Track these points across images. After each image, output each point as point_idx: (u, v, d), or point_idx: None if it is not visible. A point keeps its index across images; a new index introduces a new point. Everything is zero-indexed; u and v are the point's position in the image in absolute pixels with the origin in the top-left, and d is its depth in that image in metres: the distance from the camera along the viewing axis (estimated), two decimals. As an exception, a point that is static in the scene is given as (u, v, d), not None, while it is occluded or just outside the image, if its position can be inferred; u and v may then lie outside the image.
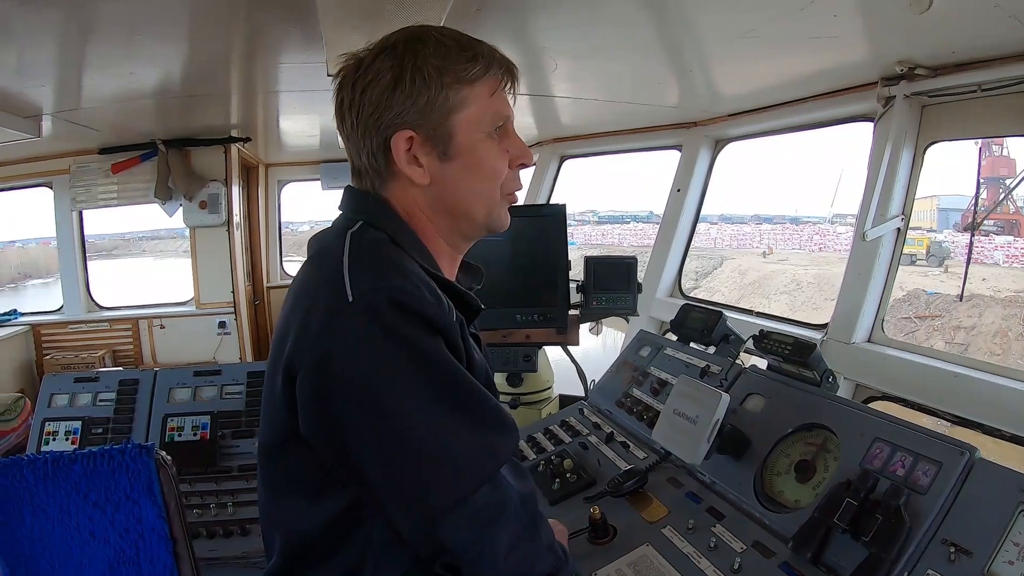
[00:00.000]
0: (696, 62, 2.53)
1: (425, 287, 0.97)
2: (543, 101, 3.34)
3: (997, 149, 24.61)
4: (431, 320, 0.94)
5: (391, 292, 0.92)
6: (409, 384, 0.91)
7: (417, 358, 0.92)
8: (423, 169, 1.07)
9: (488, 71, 1.07)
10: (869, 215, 2.25)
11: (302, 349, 0.93)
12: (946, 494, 1.16)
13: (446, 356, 0.95)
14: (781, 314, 3.41)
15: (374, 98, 1.04)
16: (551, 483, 1.83)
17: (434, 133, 1.05)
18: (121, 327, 4.74)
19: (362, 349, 0.90)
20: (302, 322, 0.95)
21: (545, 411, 2.82)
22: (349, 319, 0.91)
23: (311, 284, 1.02)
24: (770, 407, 1.64)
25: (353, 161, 1.12)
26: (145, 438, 2.47)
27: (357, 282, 0.94)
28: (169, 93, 3.08)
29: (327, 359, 0.91)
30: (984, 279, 21.89)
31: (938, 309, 20.10)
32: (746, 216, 37.06)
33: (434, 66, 1.03)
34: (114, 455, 1.54)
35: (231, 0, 1.93)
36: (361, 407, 0.90)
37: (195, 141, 4.43)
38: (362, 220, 1.08)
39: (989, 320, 19.93)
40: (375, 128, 1.05)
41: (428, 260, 1.09)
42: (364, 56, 1.07)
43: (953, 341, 19.43)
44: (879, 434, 1.34)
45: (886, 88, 2.21)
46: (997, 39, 1.80)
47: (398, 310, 0.91)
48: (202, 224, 4.58)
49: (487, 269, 1.33)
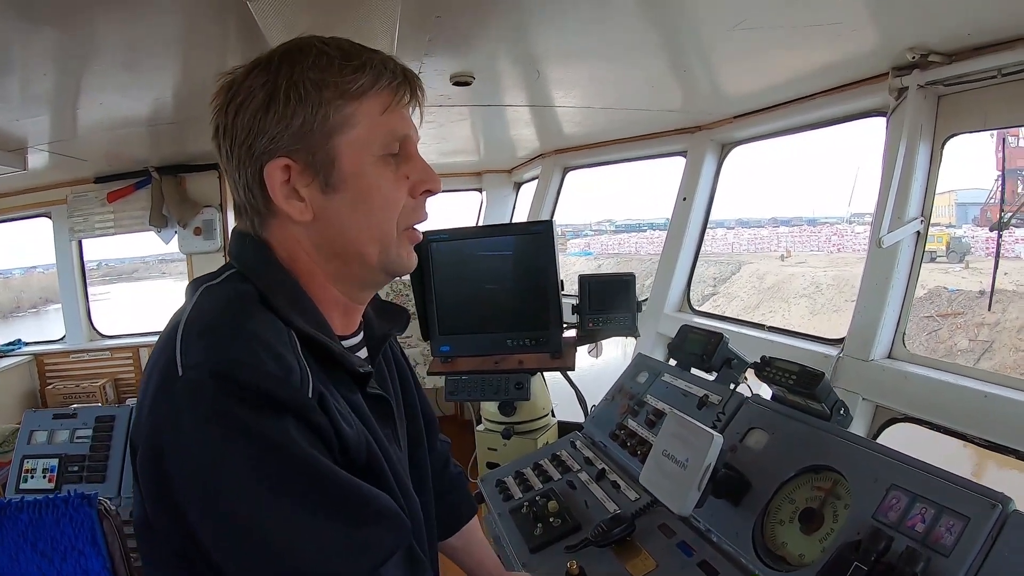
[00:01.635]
0: (696, 60, 2.35)
1: (271, 355, 0.81)
2: (542, 111, 3.19)
3: (1013, 141, 24.05)
4: (273, 397, 0.79)
5: (219, 365, 0.78)
6: (244, 475, 0.76)
7: (251, 444, 0.77)
8: (304, 203, 0.92)
9: (377, 82, 0.92)
10: (885, 219, 2.03)
11: (138, 426, 0.82)
12: (973, 556, 0.96)
13: (290, 441, 0.79)
14: (801, 319, 3.20)
15: (246, 122, 0.90)
16: (533, 528, 1.68)
17: (314, 159, 0.90)
18: (122, 355, 4.67)
19: (188, 435, 0.76)
20: (140, 398, 0.84)
21: (542, 440, 2.66)
22: (175, 398, 0.78)
23: (157, 348, 0.87)
24: (773, 444, 1.45)
25: (234, 197, 0.98)
26: (119, 477, 2.44)
27: (188, 352, 0.80)
28: (162, 119, 2.99)
29: (157, 442, 0.79)
30: (1007, 273, 21.35)
31: (960, 306, 19.64)
32: (763, 219, 36.87)
33: (312, 80, 0.89)
34: (58, 504, 1.52)
35: (222, 19, 1.81)
36: (199, 502, 0.77)
37: (188, 167, 4.37)
38: (234, 268, 0.95)
39: (1013, 316, 19.38)
40: (248, 157, 0.91)
41: (309, 315, 0.93)
42: (238, 74, 0.94)
43: (977, 339, 18.94)
44: (896, 480, 1.14)
45: (898, 79, 2.01)
46: (1019, 16, 1.60)
47: (226, 387, 0.77)
48: (198, 251, 4.49)
49: (473, 292, 1.17)
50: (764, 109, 2.86)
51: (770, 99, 2.77)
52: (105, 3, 1.60)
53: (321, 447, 0.82)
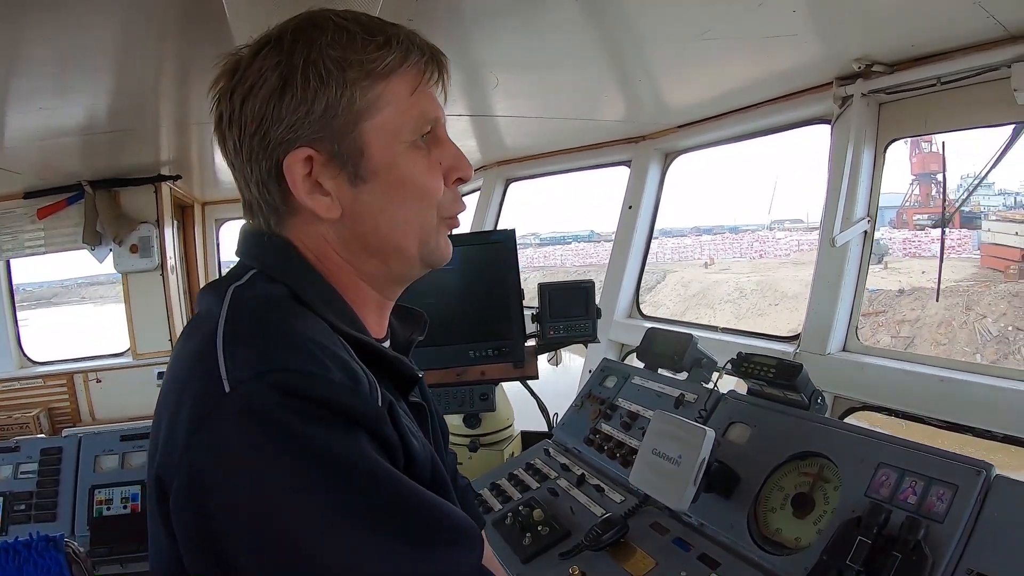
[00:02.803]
0: (642, 71, 2.42)
1: (335, 362, 0.73)
2: (483, 121, 3.19)
3: (926, 146, 25.81)
4: (344, 411, 0.70)
5: (284, 377, 0.68)
6: (320, 507, 0.66)
7: (327, 468, 0.67)
8: (330, 198, 0.83)
9: (406, 60, 0.83)
10: (836, 220, 2.15)
11: (170, 461, 0.69)
12: (965, 519, 1.04)
13: (368, 458, 0.70)
14: (727, 324, 3.31)
15: (257, 109, 0.80)
16: (521, 538, 1.66)
17: (340, 148, 0.81)
18: (55, 383, 4.36)
19: (247, 464, 0.65)
20: (169, 422, 0.71)
21: (508, 451, 2.65)
22: (226, 421, 0.66)
23: (180, 366, 0.77)
24: (757, 436, 1.50)
25: (243, 193, 0.88)
26: (71, 516, 2.26)
27: (235, 364, 0.69)
28: (95, 129, 2.83)
29: (202, 478, 0.66)
30: (924, 272, 22.82)
31: (881, 305, 20.79)
32: (686, 229, 38.24)
33: (333, 58, 0.79)
34: (19, 549, 1.41)
35: (161, 25, 1.73)
36: (257, 544, 0.65)
37: (123, 181, 4.16)
38: (255, 269, 0.84)
39: (932, 312, 20.70)
40: (262, 149, 0.81)
41: (347, 318, 0.85)
42: (244, 54, 0.83)
43: (899, 335, 20.10)
44: (883, 458, 1.21)
45: (842, 88, 2.14)
46: (960, 29, 1.73)
47: (293, 403, 0.67)
48: (134, 269, 4.28)
49: (435, 303, 1.09)
50: (709, 118, 2.95)
51: (715, 108, 2.86)
52: (34, 1, 1.50)
53: (389, 464, 0.74)
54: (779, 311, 23.66)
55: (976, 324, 19.99)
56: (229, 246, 5.68)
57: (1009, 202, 30.35)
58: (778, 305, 25.16)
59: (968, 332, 20.06)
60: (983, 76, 1.82)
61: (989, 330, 19.63)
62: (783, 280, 26.54)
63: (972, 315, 20.44)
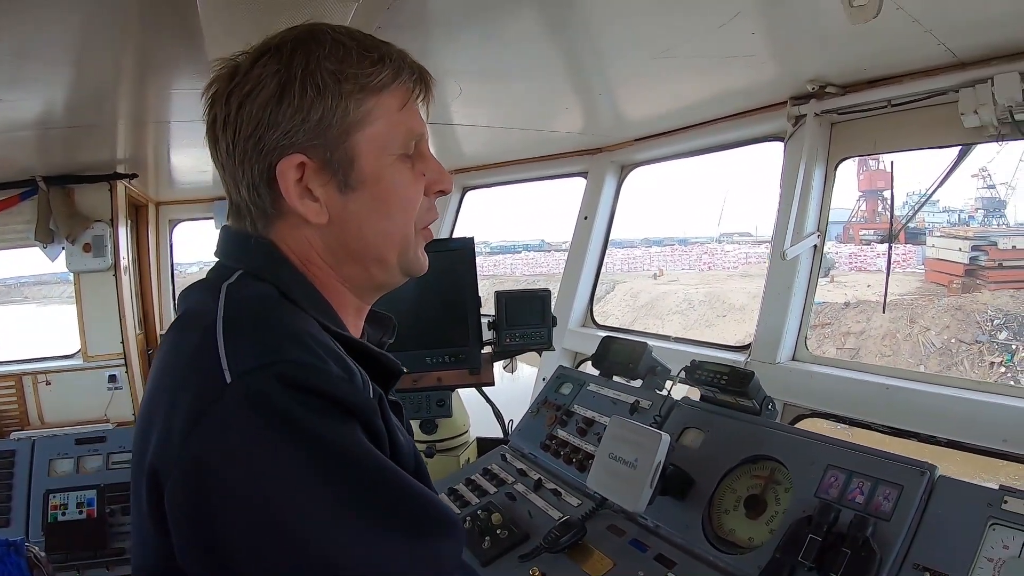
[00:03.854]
0: (602, 84, 2.48)
1: (331, 356, 0.76)
2: (442, 129, 3.20)
3: (874, 164, 26.74)
4: (342, 402, 0.73)
5: (285, 368, 0.71)
6: (319, 496, 0.68)
7: (327, 458, 0.69)
8: (319, 204, 0.86)
9: (398, 77, 0.87)
10: (787, 234, 2.23)
11: (167, 453, 0.70)
12: (911, 517, 1.11)
13: (365, 449, 0.73)
14: (675, 335, 3.39)
15: (254, 113, 0.82)
16: (481, 541, 1.67)
17: (332, 157, 0.84)
18: (3, 385, 4.23)
19: (249, 453, 0.67)
20: (166, 415, 0.72)
21: (463, 457, 2.66)
22: (228, 411, 0.68)
23: (175, 360, 0.79)
24: (710, 441, 1.56)
25: (231, 195, 0.90)
26: (25, 521, 2.19)
27: (237, 356, 0.71)
28: (52, 123, 2.76)
29: (202, 469, 0.67)
30: (869, 285, 23.63)
31: (827, 317, 21.44)
32: (636, 240, 38.79)
33: (330, 71, 0.83)
34: None
35: (123, 19, 1.71)
36: (256, 533, 0.66)
37: (78, 178, 4.05)
38: (242, 269, 0.86)
39: (877, 324, 21.43)
40: (256, 152, 0.83)
41: (331, 317, 0.88)
42: (242, 61, 0.86)
43: (844, 347, 20.74)
44: (832, 461, 1.27)
45: (796, 107, 2.23)
46: (911, 54, 1.82)
47: (296, 393, 0.69)
48: (86, 269, 4.18)
49: (392, 309, 1.11)
50: (666, 133, 3.03)
51: (672, 123, 2.94)
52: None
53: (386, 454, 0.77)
54: (727, 322, 24.18)
55: (920, 336, 20.75)
56: (182, 248, 5.57)
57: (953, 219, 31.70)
58: (726, 316, 25.71)
59: (912, 344, 20.79)
60: (932, 100, 1.93)
61: (933, 342, 20.39)
62: (731, 292, 27.16)
63: (916, 328, 21.22)
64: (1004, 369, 19.02)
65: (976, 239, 25.58)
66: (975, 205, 32.41)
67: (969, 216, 32.19)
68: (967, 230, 28.12)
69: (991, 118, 1.74)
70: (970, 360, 19.69)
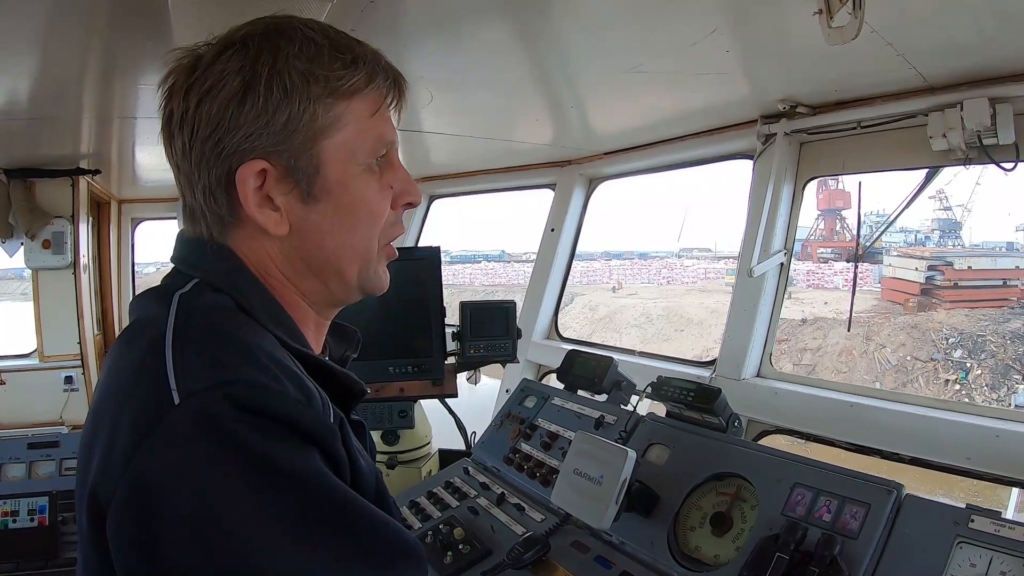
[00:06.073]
0: (572, 97, 2.48)
1: (289, 376, 0.71)
2: (411, 137, 3.15)
3: (833, 183, 27.39)
4: (299, 427, 0.68)
5: (238, 390, 0.66)
6: (274, 527, 0.63)
7: (281, 487, 0.64)
8: (279, 214, 0.80)
9: (371, 82, 0.82)
10: (755, 251, 2.25)
11: (109, 475, 0.64)
12: (879, 536, 1.12)
13: (323, 477, 0.68)
14: (632, 347, 3.41)
15: (214, 113, 0.76)
16: (443, 556, 1.65)
17: (296, 164, 0.79)
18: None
19: (196, 479, 0.62)
20: (109, 435, 0.67)
21: (425, 469, 2.63)
22: (174, 434, 0.63)
23: (119, 377, 0.73)
24: (676, 457, 1.55)
25: (185, 197, 0.84)
26: None
27: (186, 374, 0.66)
28: (14, 115, 2.66)
29: (145, 494, 0.62)
30: (826, 303, 24.22)
31: (784, 333, 21.88)
32: (595, 253, 39.14)
33: (299, 71, 0.77)
34: None
35: (90, 8, 1.65)
36: (203, 566, 0.61)
37: (41, 171, 3.93)
38: (198, 278, 0.81)
39: (833, 340, 21.93)
40: (214, 155, 0.78)
41: (291, 332, 0.82)
42: (205, 52, 0.79)
43: (800, 363, 21.18)
44: (799, 479, 1.28)
45: (766, 126, 2.25)
46: (882, 77, 1.85)
47: (249, 417, 0.65)
48: (45, 266, 4.05)
49: (355, 318, 1.05)
50: (635, 147, 3.05)
51: (642, 138, 2.95)
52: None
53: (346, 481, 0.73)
54: (684, 336, 24.47)
55: (876, 354, 21.29)
56: (144, 247, 5.44)
57: (910, 239, 32.76)
58: (683, 331, 26.03)
59: (868, 361, 21.32)
60: (901, 122, 1.96)
61: (889, 359, 20.93)
62: (689, 306, 27.50)
63: (872, 345, 21.77)
64: (959, 386, 19.64)
65: (932, 259, 26.46)
66: (931, 226, 33.61)
67: (925, 236, 33.36)
68: (923, 250, 29.07)
69: (959, 142, 1.77)
70: (925, 377, 20.26)
